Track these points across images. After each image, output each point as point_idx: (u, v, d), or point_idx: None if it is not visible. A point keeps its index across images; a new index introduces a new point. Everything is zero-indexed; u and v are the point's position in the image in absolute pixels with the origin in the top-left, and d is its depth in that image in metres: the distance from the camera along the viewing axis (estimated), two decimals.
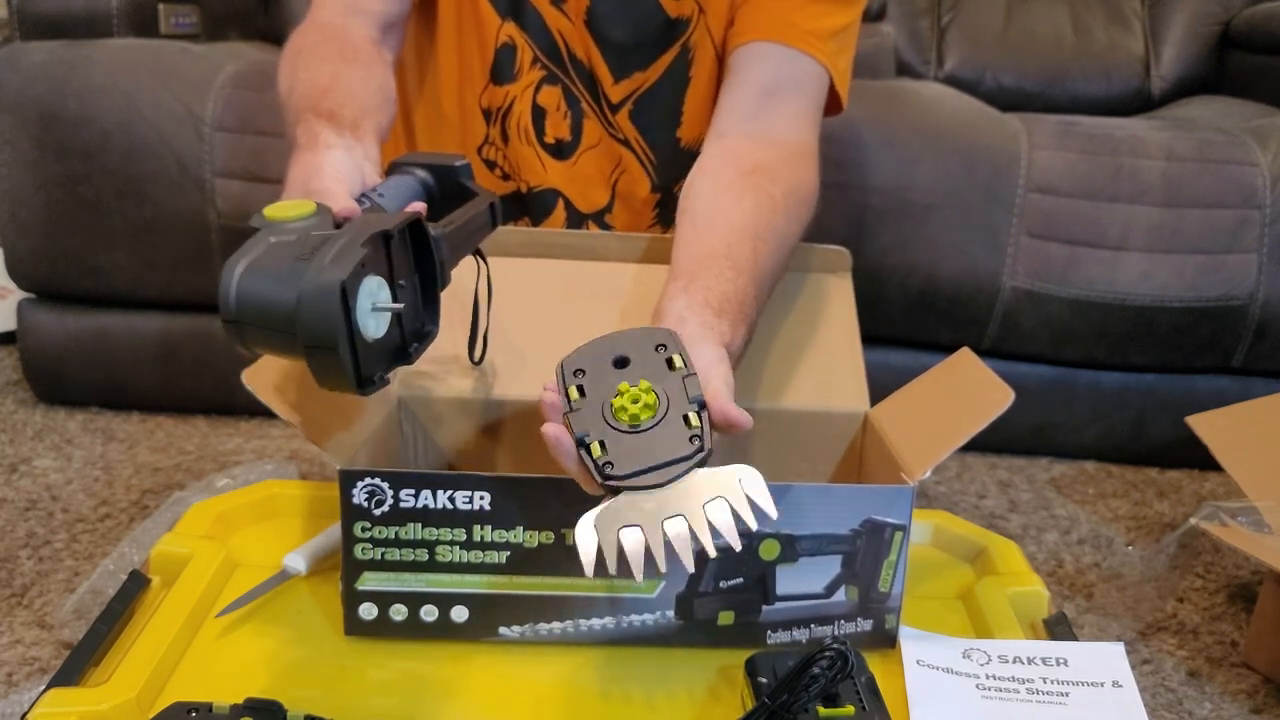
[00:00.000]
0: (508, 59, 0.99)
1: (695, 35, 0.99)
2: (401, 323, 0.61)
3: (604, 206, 1.05)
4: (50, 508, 1.35)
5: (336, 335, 0.53)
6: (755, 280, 0.77)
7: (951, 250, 1.51)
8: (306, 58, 0.86)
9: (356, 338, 0.55)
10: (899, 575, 0.68)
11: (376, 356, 0.58)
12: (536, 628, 0.68)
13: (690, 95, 1.02)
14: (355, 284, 0.54)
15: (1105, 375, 1.59)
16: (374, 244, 0.57)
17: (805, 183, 0.91)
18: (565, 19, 0.98)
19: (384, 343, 0.58)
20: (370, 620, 0.67)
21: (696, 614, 0.68)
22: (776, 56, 0.93)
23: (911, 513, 0.67)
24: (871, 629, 0.69)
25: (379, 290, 0.57)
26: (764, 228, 0.82)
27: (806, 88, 0.94)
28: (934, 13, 2.14)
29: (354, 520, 0.65)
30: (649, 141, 1.03)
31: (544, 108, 1.01)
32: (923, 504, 1.44)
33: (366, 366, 0.56)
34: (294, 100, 0.81)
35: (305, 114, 0.76)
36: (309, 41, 0.89)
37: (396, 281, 0.60)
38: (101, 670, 0.64)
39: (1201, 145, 1.53)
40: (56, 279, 1.57)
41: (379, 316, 0.57)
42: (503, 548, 0.66)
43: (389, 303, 0.58)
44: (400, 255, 0.61)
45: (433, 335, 0.64)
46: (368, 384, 0.57)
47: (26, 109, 1.49)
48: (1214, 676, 1.13)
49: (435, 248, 0.62)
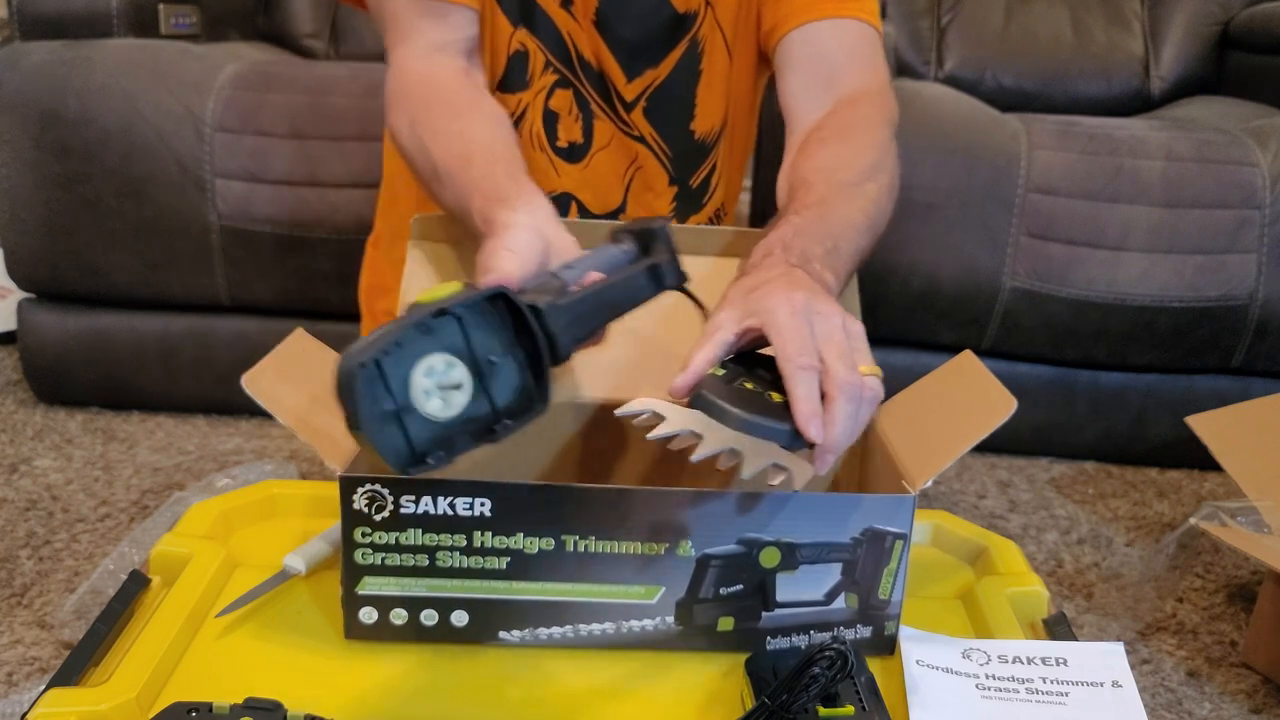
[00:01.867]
0: (520, 66, 0.99)
1: (704, 29, 0.99)
2: (492, 399, 0.59)
3: (618, 207, 1.05)
4: (50, 508, 1.35)
5: (357, 416, 0.54)
6: (828, 207, 0.79)
7: (952, 250, 1.51)
8: (424, 123, 0.86)
9: (409, 416, 0.56)
10: (899, 583, 0.68)
11: (446, 434, 0.57)
12: (536, 632, 0.68)
13: (702, 88, 1.02)
14: (392, 367, 0.55)
15: (1105, 375, 1.59)
16: (423, 324, 0.56)
17: (858, 114, 0.91)
18: (574, 21, 0.98)
19: (461, 420, 0.58)
20: (370, 624, 0.67)
21: (696, 620, 0.68)
22: (826, 34, 0.93)
23: (913, 522, 0.67)
24: (871, 635, 0.69)
25: (447, 369, 0.57)
26: (810, 170, 0.84)
27: (862, 54, 0.94)
28: (934, 13, 2.14)
29: (354, 526, 0.65)
30: (664, 136, 1.03)
31: (556, 112, 1.01)
32: (922, 504, 1.43)
33: (421, 445, 0.56)
34: (445, 180, 0.82)
35: (470, 197, 0.77)
36: (415, 102, 0.88)
37: (485, 358, 0.59)
38: (101, 670, 0.64)
39: (1201, 145, 1.53)
40: (56, 279, 1.57)
41: (446, 395, 0.57)
42: (503, 553, 0.66)
43: (456, 381, 0.57)
44: (487, 330, 0.59)
45: (537, 412, 0.61)
46: (417, 463, 0.56)
47: (26, 109, 1.49)
48: (1213, 676, 1.13)
49: (534, 321, 0.60)
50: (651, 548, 0.66)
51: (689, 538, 0.66)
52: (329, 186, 1.53)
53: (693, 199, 1.06)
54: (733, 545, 0.65)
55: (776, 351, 0.63)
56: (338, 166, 1.52)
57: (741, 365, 0.67)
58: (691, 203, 1.06)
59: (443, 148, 0.83)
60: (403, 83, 0.91)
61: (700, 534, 0.65)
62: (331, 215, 1.53)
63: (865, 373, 0.63)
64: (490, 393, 0.59)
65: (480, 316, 0.59)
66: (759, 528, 0.65)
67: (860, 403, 0.62)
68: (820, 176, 0.83)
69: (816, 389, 0.61)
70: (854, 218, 0.81)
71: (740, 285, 0.70)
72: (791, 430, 0.61)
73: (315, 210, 1.53)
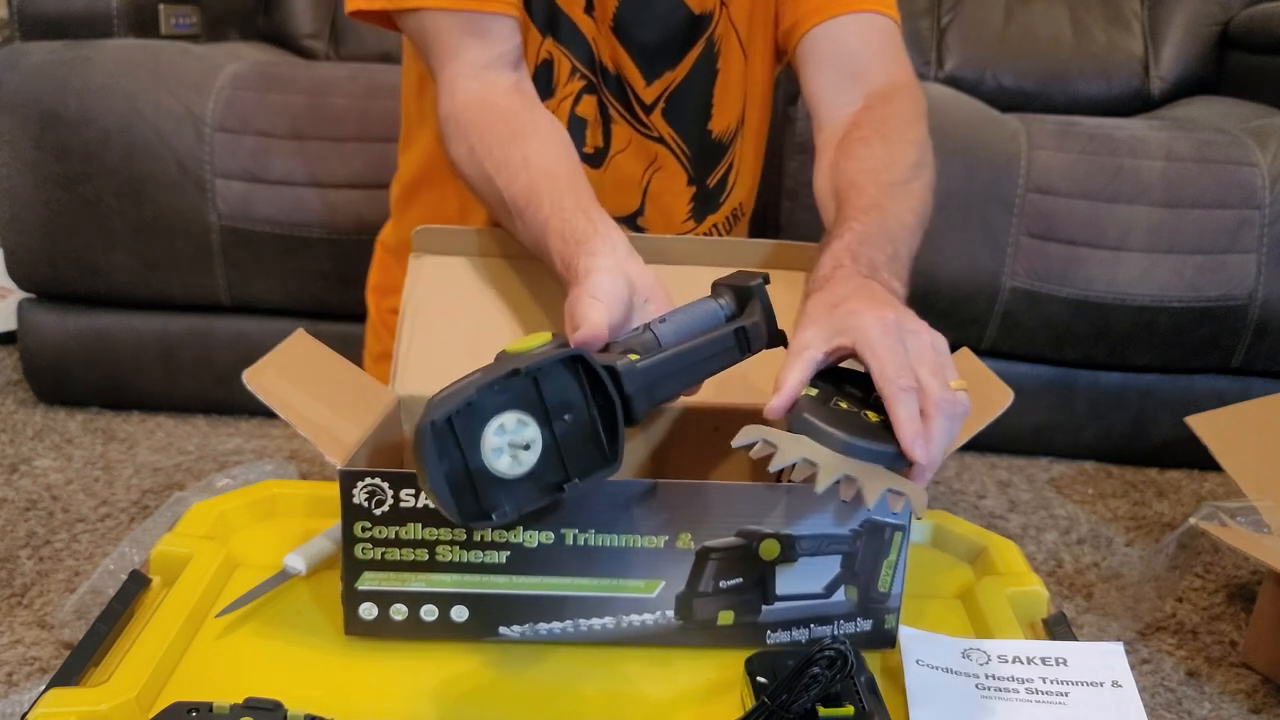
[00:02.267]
0: (545, 75, 0.98)
1: (719, 29, 1.00)
2: (563, 457, 0.60)
3: (635, 210, 1.05)
4: (50, 508, 1.35)
5: (427, 473, 0.55)
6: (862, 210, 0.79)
7: (951, 250, 1.51)
8: (485, 152, 0.85)
9: (478, 473, 0.57)
10: (898, 575, 0.68)
11: (515, 490, 0.59)
12: (536, 627, 0.68)
13: (719, 88, 1.02)
14: (464, 424, 0.56)
15: (1105, 375, 1.59)
16: (499, 384, 0.57)
17: (895, 111, 0.91)
18: (594, 25, 0.98)
19: (529, 477, 0.59)
20: (370, 620, 0.67)
21: (696, 614, 0.68)
22: (849, 29, 0.93)
23: (911, 513, 0.67)
24: (871, 629, 0.69)
25: (519, 428, 0.58)
26: (856, 171, 0.84)
27: (884, 47, 0.95)
28: (934, 13, 2.14)
29: (354, 520, 0.65)
30: (682, 136, 1.03)
31: (583, 118, 1.01)
32: None
33: (488, 500, 0.58)
34: (517, 215, 0.82)
35: (547, 239, 0.77)
36: (472, 128, 0.87)
37: (559, 416, 0.60)
38: (101, 670, 0.64)
39: (1201, 145, 1.53)
40: (56, 279, 1.57)
41: (516, 453, 0.58)
42: (503, 548, 0.66)
43: (527, 440, 0.58)
44: (562, 389, 0.60)
45: (608, 472, 0.62)
46: (482, 519, 0.57)
47: (26, 109, 1.49)
48: (1213, 676, 1.13)
49: (610, 383, 0.61)
50: (651, 541, 0.66)
51: (688, 530, 0.66)
52: (329, 187, 1.53)
53: (710, 198, 1.06)
54: (732, 538, 0.66)
55: (875, 372, 0.63)
56: (338, 167, 1.52)
57: (830, 383, 0.67)
58: (709, 202, 1.06)
59: (507, 180, 0.82)
60: (455, 107, 0.88)
61: (700, 527, 0.66)
62: (331, 215, 1.53)
63: (955, 388, 0.63)
64: (561, 451, 0.60)
65: (556, 375, 0.60)
66: (758, 520, 0.66)
67: (955, 419, 0.63)
68: (869, 178, 0.83)
69: (918, 410, 0.62)
70: (906, 219, 0.82)
71: (819, 301, 0.70)
72: (895, 451, 0.62)
73: (315, 210, 1.53)
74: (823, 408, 0.64)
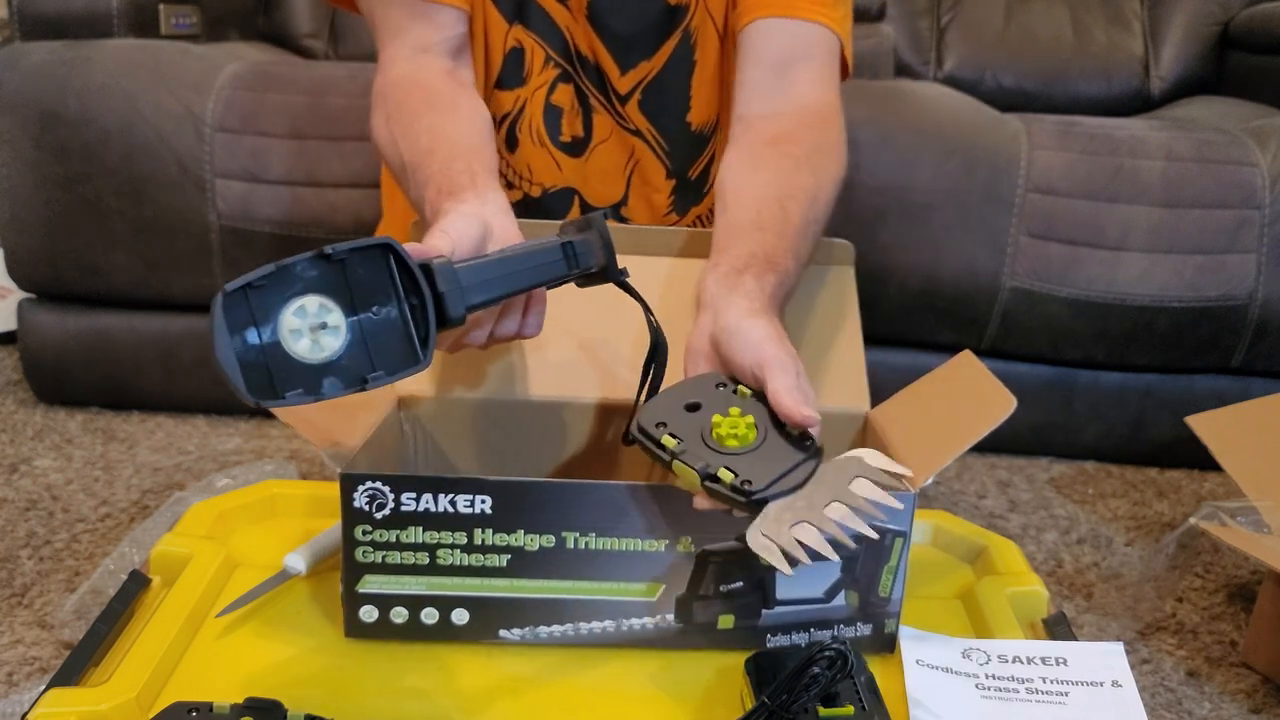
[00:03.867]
0: (516, 63, 0.99)
1: (696, 19, 0.99)
2: (369, 349, 0.60)
3: (619, 200, 1.05)
4: (50, 508, 1.35)
5: (215, 343, 0.55)
6: (783, 234, 0.79)
7: (951, 250, 1.51)
8: (397, 119, 0.88)
9: (273, 352, 0.56)
10: (899, 581, 0.68)
11: (312, 376, 0.58)
12: (537, 630, 0.68)
13: (697, 79, 1.02)
14: (261, 300, 0.56)
15: (1105, 375, 1.59)
16: (302, 264, 0.57)
17: (828, 139, 0.92)
18: (569, 15, 0.98)
19: (329, 365, 0.58)
20: (371, 623, 0.67)
21: (696, 618, 0.68)
22: (786, 30, 0.93)
23: (913, 520, 0.67)
24: (871, 633, 0.69)
25: (320, 312, 0.58)
26: (790, 187, 0.84)
27: (819, 56, 0.95)
28: (934, 13, 2.14)
29: (355, 523, 0.65)
30: (659, 129, 1.03)
31: (559, 107, 1.01)
32: (922, 504, 1.43)
33: (282, 382, 0.57)
34: (410, 174, 0.83)
35: (425, 189, 0.78)
36: (393, 100, 0.90)
37: (367, 307, 0.59)
38: (101, 670, 0.64)
39: (1201, 145, 1.53)
40: (56, 279, 1.57)
41: (317, 338, 0.58)
42: (504, 551, 0.66)
43: (329, 325, 0.58)
44: (372, 281, 0.60)
45: (417, 367, 0.61)
46: (274, 398, 0.57)
47: (26, 109, 1.49)
48: (1213, 676, 1.13)
49: (421, 277, 0.61)
50: (652, 544, 0.66)
51: (689, 534, 0.66)
52: (329, 186, 1.52)
53: (692, 191, 1.06)
54: (733, 541, 0.65)
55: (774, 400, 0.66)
56: (337, 166, 1.52)
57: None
58: (691, 194, 1.06)
59: (410, 142, 0.84)
60: (385, 82, 0.92)
61: (700, 530, 0.66)
62: (331, 215, 1.53)
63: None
64: (368, 343, 0.60)
65: (367, 266, 0.59)
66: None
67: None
68: (798, 206, 0.83)
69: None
70: (807, 257, 0.84)
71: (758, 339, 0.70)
72: (811, 451, 0.64)
73: (315, 210, 1.53)
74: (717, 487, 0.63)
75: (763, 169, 0.86)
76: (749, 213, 0.81)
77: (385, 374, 0.60)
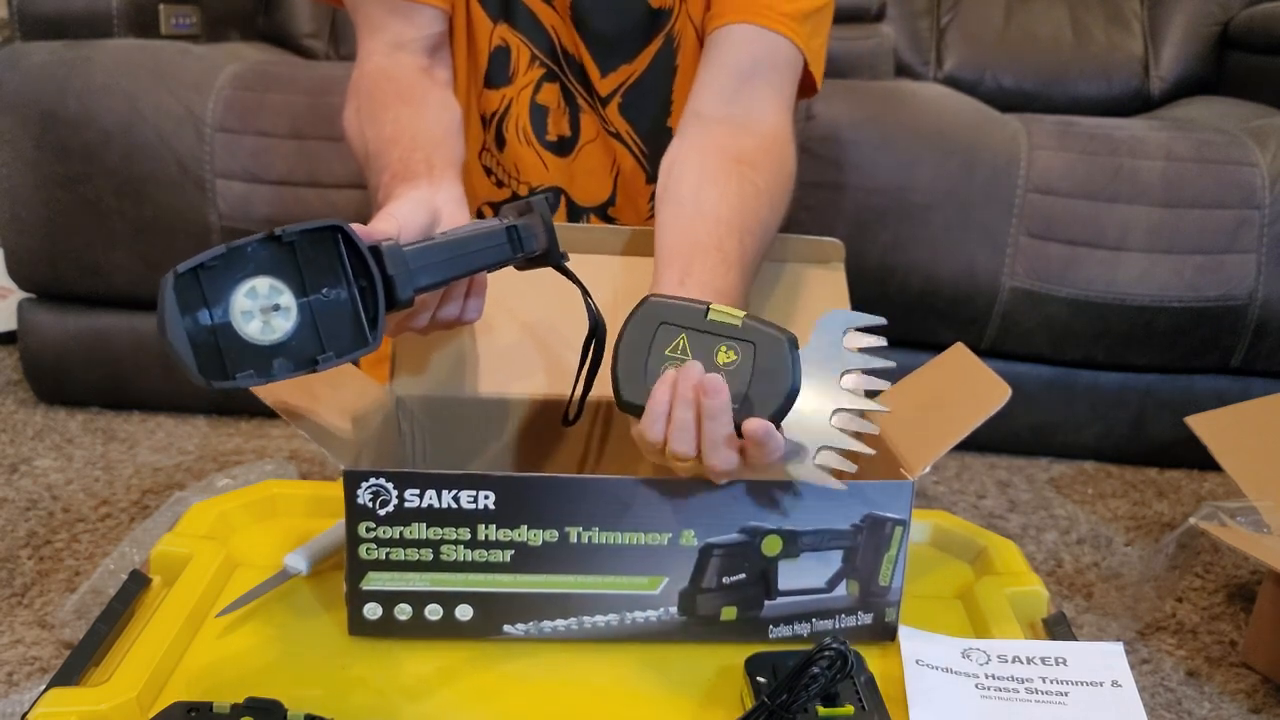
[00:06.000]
0: (502, 62, 0.99)
1: (678, 24, 0.99)
2: (319, 331, 0.60)
3: (607, 199, 1.05)
4: (51, 507, 1.35)
5: (164, 324, 0.55)
6: (742, 275, 0.80)
7: (951, 250, 1.51)
8: (366, 111, 0.88)
9: (225, 333, 0.57)
10: (899, 569, 0.68)
11: (263, 357, 0.58)
12: (540, 625, 0.68)
13: (678, 84, 1.02)
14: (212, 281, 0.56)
15: (1105, 375, 1.59)
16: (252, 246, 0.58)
17: (784, 169, 0.92)
18: (555, 14, 0.98)
19: (280, 346, 0.59)
20: (375, 620, 0.67)
21: (699, 610, 0.68)
22: (752, 38, 0.93)
23: (911, 507, 0.67)
24: (871, 622, 0.70)
25: (271, 293, 0.58)
26: (750, 220, 0.84)
27: (781, 70, 0.95)
28: (934, 13, 2.14)
29: (359, 520, 0.65)
30: (640, 133, 1.03)
31: (545, 106, 1.01)
32: (922, 504, 1.44)
33: (233, 363, 0.57)
34: (371, 162, 0.84)
35: (381, 175, 0.79)
36: (364, 92, 0.91)
37: (317, 289, 0.60)
38: (102, 670, 0.64)
39: (1201, 145, 1.53)
40: (56, 279, 1.57)
41: (268, 319, 0.58)
42: (507, 546, 0.66)
43: (279, 306, 0.58)
44: (322, 263, 0.60)
45: (366, 349, 0.62)
46: (224, 379, 0.57)
47: (26, 109, 1.49)
48: (1213, 676, 1.13)
49: (371, 259, 0.62)
50: (654, 538, 0.66)
51: (691, 527, 0.66)
52: (329, 186, 1.53)
53: None
54: (735, 534, 0.66)
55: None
56: (338, 166, 1.52)
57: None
58: None
59: (375, 131, 0.85)
60: (360, 75, 0.93)
61: (703, 523, 0.66)
62: (331, 215, 1.53)
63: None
64: (318, 325, 0.60)
65: (317, 249, 0.60)
66: (761, 516, 0.66)
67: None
68: (754, 243, 0.83)
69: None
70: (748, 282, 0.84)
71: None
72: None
73: (315, 210, 1.53)
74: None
75: (725, 185, 0.85)
76: (711, 236, 0.80)
77: (335, 355, 0.60)
